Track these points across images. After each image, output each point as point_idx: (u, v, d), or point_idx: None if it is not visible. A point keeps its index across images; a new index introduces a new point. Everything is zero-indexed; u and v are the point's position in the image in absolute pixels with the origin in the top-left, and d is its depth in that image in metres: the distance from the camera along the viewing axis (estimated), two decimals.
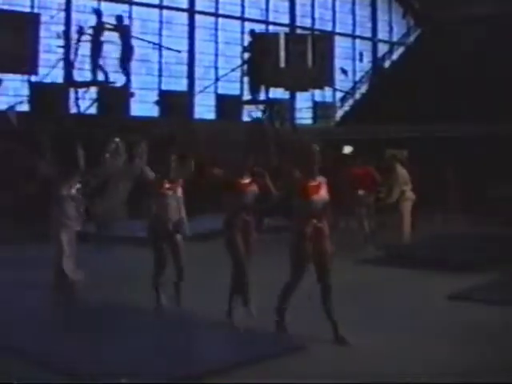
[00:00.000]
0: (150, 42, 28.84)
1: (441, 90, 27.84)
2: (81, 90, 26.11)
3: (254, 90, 28.68)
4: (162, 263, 9.42)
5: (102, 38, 25.58)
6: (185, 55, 31.07)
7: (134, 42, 26.88)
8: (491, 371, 6.64)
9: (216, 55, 32.20)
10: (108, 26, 25.73)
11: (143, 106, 29.34)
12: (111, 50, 26.60)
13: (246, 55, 29.21)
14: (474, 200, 20.98)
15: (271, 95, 29.66)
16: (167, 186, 9.37)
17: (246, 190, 8.71)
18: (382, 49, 38.48)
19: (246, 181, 8.74)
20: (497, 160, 22.75)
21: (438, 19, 34.50)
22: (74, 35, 26.11)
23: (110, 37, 26.07)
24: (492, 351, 7.27)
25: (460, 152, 23.62)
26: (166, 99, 29.62)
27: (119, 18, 26.39)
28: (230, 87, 31.79)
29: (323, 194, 8.08)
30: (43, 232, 11.86)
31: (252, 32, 29.55)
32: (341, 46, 35.62)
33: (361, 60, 37.10)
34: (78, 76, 26.14)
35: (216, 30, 32.29)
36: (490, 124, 23.94)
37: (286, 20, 34.62)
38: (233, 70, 30.60)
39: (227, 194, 8.81)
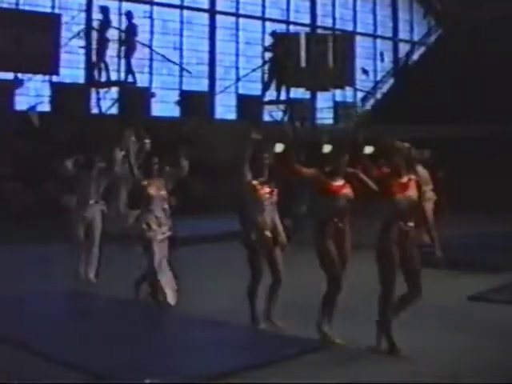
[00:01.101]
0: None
1: (462, 91, 27.67)
2: (102, 91, 26.20)
3: (275, 90, 28.66)
4: (261, 275, 8.34)
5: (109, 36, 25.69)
6: (206, 55, 31.12)
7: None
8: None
9: (237, 55, 32.18)
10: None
11: (164, 106, 29.39)
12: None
13: (267, 55, 29.21)
14: (496, 200, 20.88)
15: (292, 95, 29.62)
16: (266, 189, 8.38)
17: (339, 193, 7.73)
18: (403, 49, 38.32)
19: (340, 183, 7.77)
20: None
21: (459, 19, 34.29)
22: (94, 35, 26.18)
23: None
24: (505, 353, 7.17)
25: (482, 152, 23.47)
26: (187, 99, 29.69)
27: (129, 15, 26.41)
28: (251, 87, 31.73)
29: (412, 192, 7.36)
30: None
31: (273, 32, 29.54)
32: (362, 45, 35.49)
33: (382, 60, 36.93)
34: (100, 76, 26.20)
35: (237, 30, 32.27)
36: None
37: (306, 20, 34.55)
38: (253, 70, 30.60)
39: (318, 197, 7.88)
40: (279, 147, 18.85)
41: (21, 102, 25.70)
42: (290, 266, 8.55)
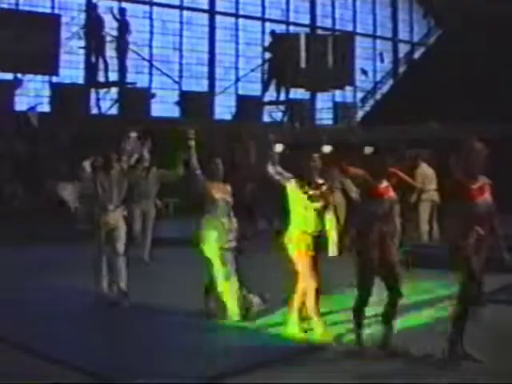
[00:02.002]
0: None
1: (462, 91, 27.65)
2: (101, 91, 26.21)
3: (275, 91, 28.67)
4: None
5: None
6: (205, 56, 31.13)
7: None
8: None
9: (236, 56, 32.18)
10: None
11: (164, 106, 29.40)
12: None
13: (266, 55, 29.23)
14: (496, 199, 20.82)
15: (292, 95, 29.63)
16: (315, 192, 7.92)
17: (384, 196, 7.38)
18: (403, 49, 38.35)
19: (384, 185, 7.44)
20: None
21: (459, 19, 34.28)
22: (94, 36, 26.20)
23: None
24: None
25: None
26: (187, 100, 29.70)
27: (122, 11, 26.39)
28: (251, 88, 31.74)
29: (488, 196, 6.98)
30: None
31: (272, 32, 29.54)
32: (361, 46, 35.51)
33: (381, 60, 36.94)
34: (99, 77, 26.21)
35: (236, 30, 32.27)
36: None
37: (306, 20, 34.55)
38: (252, 70, 30.60)
39: (364, 200, 7.48)
40: (279, 147, 18.85)
41: (21, 102, 25.70)
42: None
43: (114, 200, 10.07)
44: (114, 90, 26.62)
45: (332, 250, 7.92)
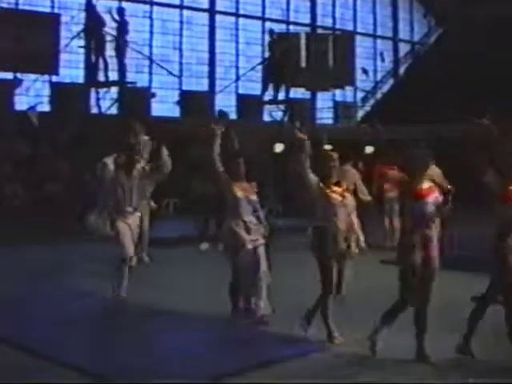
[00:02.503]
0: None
1: (462, 90, 27.64)
2: (101, 91, 26.16)
3: (274, 90, 28.61)
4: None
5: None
6: (205, 55, 31.12)
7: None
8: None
9: (237, 55, 32.16)
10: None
11: (164, 106, 29.37)
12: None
13: (265, 54, 29.19)
14: None
15: (292, 95, 29.58)
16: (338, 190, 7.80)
17: (426, 198, 6.97)
18: (404, 49, 38.35)
19: (426, 186, 7.05)
20: None
21: (459, 19, 34.26)
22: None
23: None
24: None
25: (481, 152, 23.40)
26: (187, 99, 29.68)
27: (120, 11, 26.34)
28: (251, 87, 31.70)
29: None
30: None
31: (271, 31, 29.49)
32: (362, 45, 35.48)
33: (382, 60, 36.91)
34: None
35: (237, 29, 32.26)
36: None
37: (306, 20, 34.53)
38: (251, 69, 30.57)
39: (406, 202, 7.09)
40: (279, 147, 18.86)
41: (20, 102, 25.67)
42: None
43: (133, 202, 9.60)
44: (114, 90, 26.56)
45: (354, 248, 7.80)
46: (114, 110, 26.73)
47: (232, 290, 8.67)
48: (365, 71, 34.57)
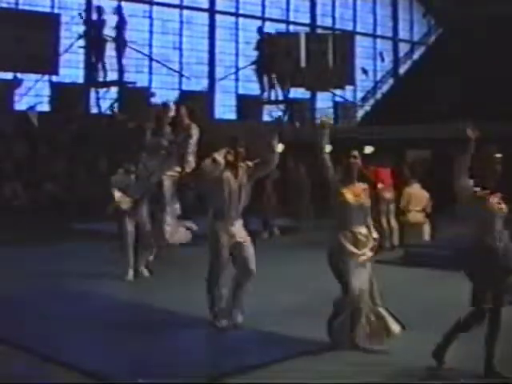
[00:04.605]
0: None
1: (462, 90, 27.66)
2: (101, 90, 26.18)
3: (267, 89, 28.61)
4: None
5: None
6: (205, 55, 31.13)
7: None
8: None
9: (236, 55, 32.17)
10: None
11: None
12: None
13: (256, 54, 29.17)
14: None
15: (292, 95, 29.61)
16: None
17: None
18: (403, 48, 38.38)
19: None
20: None
21: (459, 18, 34.26)
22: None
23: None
24: None
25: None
26: (187, 99, 29.68)
27: (119, 10, 26.33)
28: (251, 87, 31.70)
29: None
30: None
31: (259, 29, 29.47)
32: (362, 45, 35.50)
33: (382, 60, 36.93)
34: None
35: (236, 29, 32.27)
36: None
37: (306, 20, 34.55)
38: (243, 67, 30.60)
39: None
40: (279, 147, 18.82)
41: (20, 102, 25.68)
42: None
43: (239, 208, 8.15)
44: (113, 90, 26.57)
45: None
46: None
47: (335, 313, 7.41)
48: (364, 71, 34.60)
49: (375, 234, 7.39)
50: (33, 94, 26.26)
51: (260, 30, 29.66)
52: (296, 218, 18.52)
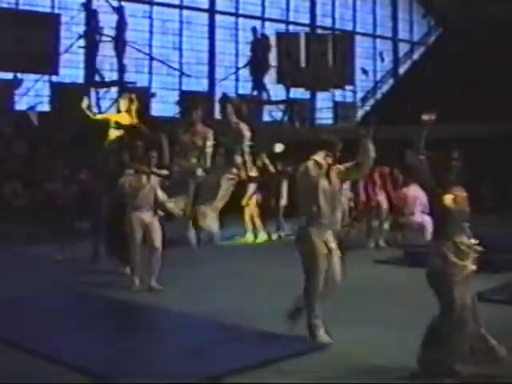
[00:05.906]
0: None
1: (462, 90, 27.65)
2: (101, 90, 26.19)
3: (256, 88, 28.63)
4: None
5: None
6: (205, 55, 31.14)
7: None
8: None
9: (236, 55, 32.18)
10: None
11: (164, 106, 29.37)
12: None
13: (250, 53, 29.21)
14: (496, 199, 20.88)
15: (292, 95, 29.63)
16: None
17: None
18: (403, 48, 38.39)
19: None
20: None
21: (459, 19, 34.27)
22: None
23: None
24: None
25: (481, 152, 23.45)
26: (187, 99, 29.69)
27: (119, 10, 26.31)
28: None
29: None
30: None
31: (253, 29, 29.49)
32: (361, 45, 35.51)
33: (382, 60, 36.94)
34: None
35: (236, 29, 32.28)
36: None
37: (306, 20, 34.55)
38: (243, 67, 30.62)
39: None
40: (279, 147, 18.81)
41: (20, 102, 25.70)
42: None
43: (335, 214, 7.75)
44: (113, 90, 26.59)
45: None
46: (113, 110, 26.72)
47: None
48: (364, 71, 34.61)
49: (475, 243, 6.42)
50: (33, 94, 26.27)
51: (254, 30, 29.66)
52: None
